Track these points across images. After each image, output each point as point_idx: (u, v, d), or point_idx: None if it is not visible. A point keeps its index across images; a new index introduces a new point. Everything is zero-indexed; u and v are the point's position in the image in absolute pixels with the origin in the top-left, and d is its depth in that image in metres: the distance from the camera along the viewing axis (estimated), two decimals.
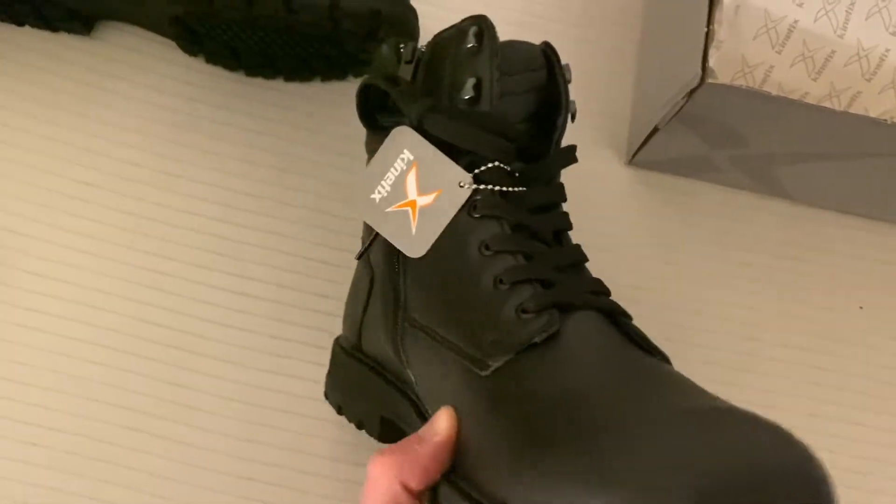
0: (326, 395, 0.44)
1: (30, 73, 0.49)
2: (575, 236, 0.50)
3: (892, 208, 0.51)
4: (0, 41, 0.49)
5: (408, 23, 0.46)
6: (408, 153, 0.36)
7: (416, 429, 0.32)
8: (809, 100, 0.42)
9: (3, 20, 0.49)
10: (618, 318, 0.33)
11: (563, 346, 0.30)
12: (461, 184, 0.35)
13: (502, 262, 0.33)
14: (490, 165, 0.35)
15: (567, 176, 0.51)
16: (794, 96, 0.42)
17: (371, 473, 0.29)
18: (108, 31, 0.50)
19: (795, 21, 0.42)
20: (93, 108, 0.49)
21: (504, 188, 0.35)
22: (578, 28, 0.53)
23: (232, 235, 0.47)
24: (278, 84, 0.50)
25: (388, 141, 0.36)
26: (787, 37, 0.42)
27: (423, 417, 0.36)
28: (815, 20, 0.43)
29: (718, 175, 0.51)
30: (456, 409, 0.31)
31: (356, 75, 0.50)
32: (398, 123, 0.36)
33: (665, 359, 0.33)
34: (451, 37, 0.36)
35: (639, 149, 0.49)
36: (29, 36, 0.49)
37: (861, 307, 0.51)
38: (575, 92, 0.52)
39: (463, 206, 0.34)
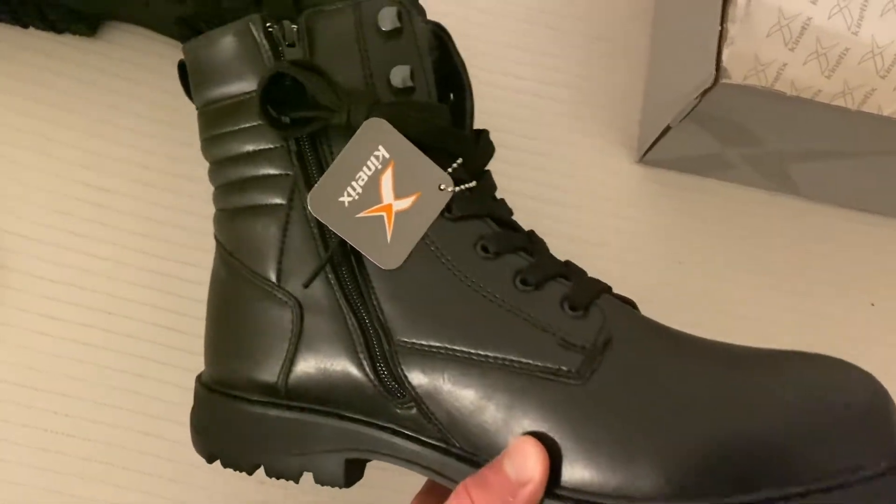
0: (210, 456, 0.35)
1: (36, 75, 0.48)
2: (585, 234, 0.50)
3: None
4: (4, 43, 0.49)
5: None
6: (383, 150, 0.32)
7: (399, 454, 0.32)
8: (822, 97, 0.41)
9: (6, 22, 0.48)
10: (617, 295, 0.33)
11: (622, 337, 0.30)
12: (441, 186, 0.32)
13: (513, 262, 0.31)
14: (458, 163, 0.32)
15: (577, 174, 0.51)
16: (807, 94, 0.41)
17: None
18: (112, 32, 0.50)
19: (809, 18, 0.42)
20: (100, 109, 0.48)
21: (469, 185, 0.33)
22: (588, 24, 0.53)
23: None
24: None
25: (359, 135, 0.31)
26: (800, 34, 0.42)
27: (421, 442, 0.32)
28: (829, 17, 0.42)
29: (730, 172, 0.50)
30: (536, 433, 0.28)
31: None
32: (312, 120, 0.32)
33: None
34: (347, 16, 0.32)
35: (650, 147, 0.49)
36: (34, 38, 0.49)
37: (873, 304, 0.51)
38: (584, 88, 0.52)
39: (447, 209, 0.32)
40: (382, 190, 0.32)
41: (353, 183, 0.32)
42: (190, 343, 0.45)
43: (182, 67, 0.35)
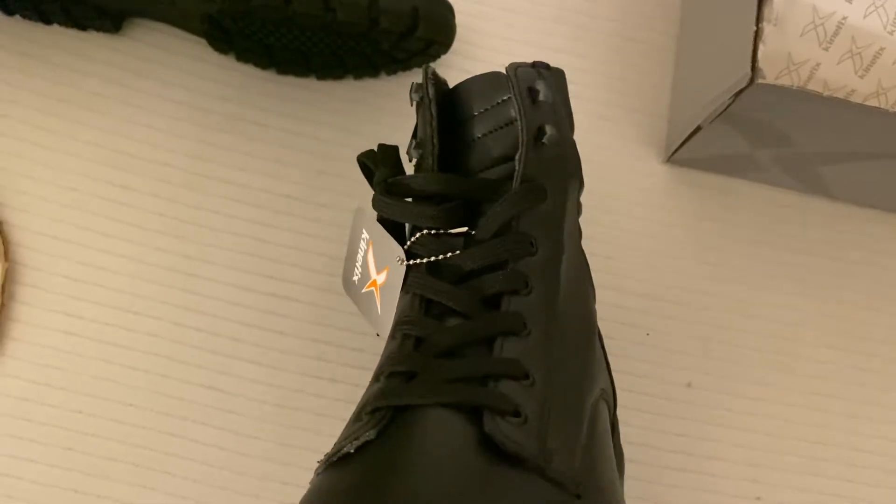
0: None
1: (60, 74, 0.48)
2: (613, 235, 0.49)
3: None
4: (28, 41, 0.48)
5: (445, 22, 0.45)
6: (365, 233, 0.35)
7: None
8: (855, 98, 0.41)
9: (31, 18, 0.48)
10: (485, 415, 0.26)
11: (389, 449, 0.26)
12: (398, 260, 0.32)
13: (391, 348, 0.30)
14: (417, 236, 0.32)
15: (603, 174, 0.50)
16: (840, 94, 0.41)
17: None
18: (137, 29, 0.49)
19: (844, 17, 0.41)
20: (124, 108, 0.48)
21: (433, 258, 0.32)
22: (615, 23, 0.52)
23: (268, 237, 0.47)
24: (310, 82, 0.49)
25: (353, 222, 0.36)
26: (835, 33, 0.41)
27: None
28: (865, 16, 0.42)
29: (760, 174, 0.50)
30: None
31: (389, 73, 0.49)
32: None
33: (539, 465, 0.26)
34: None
35: (679, 147, 0.48)
36: (58, 35, 0.49)
37: None
38: (611, 87, 0.51)
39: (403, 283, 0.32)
40: (370, 267, 0.36)
41: (357, 263, 0.37)
42: (213, 342, 0.45)
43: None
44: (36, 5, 0.46)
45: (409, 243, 0.33)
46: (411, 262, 0.32)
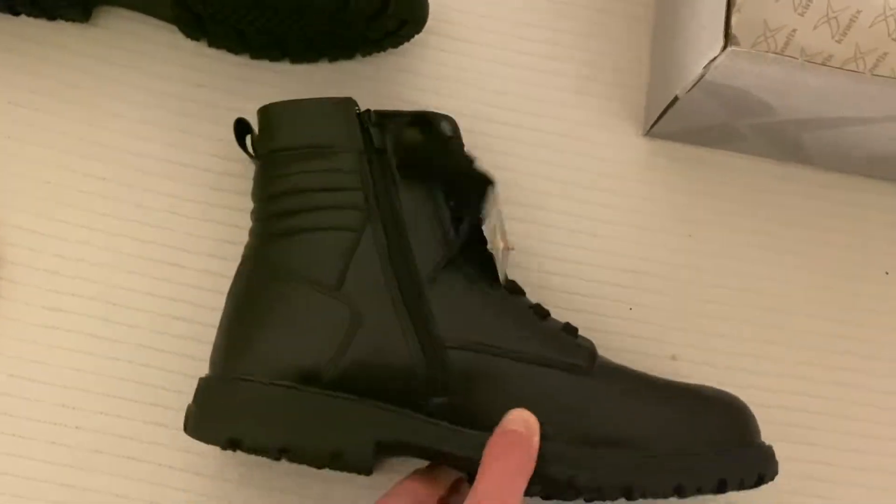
0: (229, 441, 0.37)
1: (30, 64, 0.48)
2: (593, 210, 0.49)
3: None
4: None
5: (416, 2, 0.45)
6: None
7: (422, 440, 0.38)
8: (833, 63, 0.40)
9: None
10: None
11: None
12: None
13: (524, 301, 0.42)
14: None
15: (583, 150, 0.50)
16: (818, 60, 0.40)
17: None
18: (106, 17, 0.49)
19: None
20: (97, 98, 0.48)
21: None
22: None
23: (248, 226, 0.46)
24: (285, 67, 0.49)
25: None
26: None
27: (445, 428, 0.38)
28: None
29: (740, 144, 0.50)
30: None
31: (364, 55, 0.49)
32: None
33: None
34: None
35: (657, 119, 0.48)
36: (26, 25, 0.48)
37: (887, 273, 0.50)
38: (589, 62, 0.51)
39: None
40: None
41: None
42: (192, 330, 0.45)
43: (240, 123, 0.43)
44: None
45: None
46: None
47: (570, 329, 0.41)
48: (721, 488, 0.38)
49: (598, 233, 0.49)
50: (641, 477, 0.38)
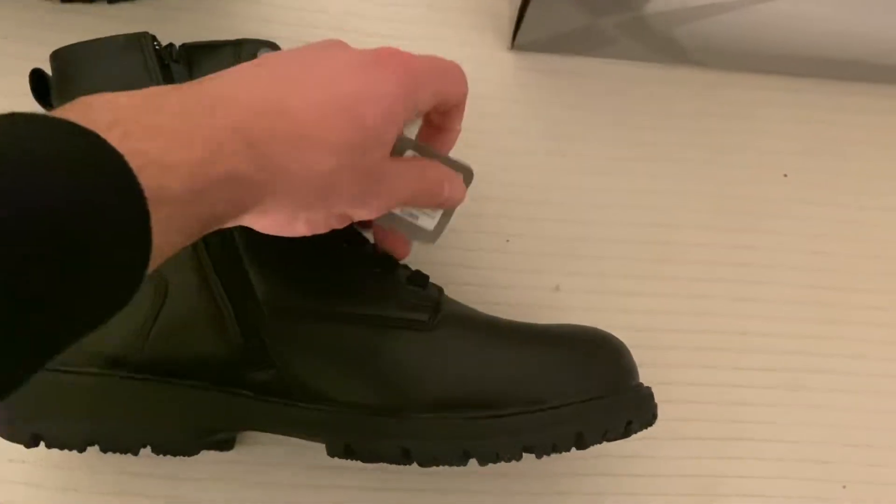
0: (32, 438, 0.34)
1: None
2: (464, 139, 0.44)
3: (808, 62, 0.46)
4: None
5: None
6: None
7: (247, 420, 0.35)
8: None
9: None
10: None
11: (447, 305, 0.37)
12: None
13: (366, 250, 0.37)
14: None
15: None
16: None
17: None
18: None
19: None
20: None
21: None
22: None
23: None
24: (101, 7, 0.44)
25: None
26: None
27: (272, 402, 0.35)
28: None
29: (612, 48, 0.45)
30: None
31: None
32: None
33: None
34: (227, 53, 0.36)
35: (516, 28, 0.43)
36: None
37: (785, 175, 0.46)
38: None
39: None
40: None
41: None
42: None
43: (35, 74, 0.36)
44: None
45: None
46: None
47: (417, 279, 0.37)
48: (580, 444, 0.34)
49: (465, 155, 0.44)
50: (485, 440, 0.33)
